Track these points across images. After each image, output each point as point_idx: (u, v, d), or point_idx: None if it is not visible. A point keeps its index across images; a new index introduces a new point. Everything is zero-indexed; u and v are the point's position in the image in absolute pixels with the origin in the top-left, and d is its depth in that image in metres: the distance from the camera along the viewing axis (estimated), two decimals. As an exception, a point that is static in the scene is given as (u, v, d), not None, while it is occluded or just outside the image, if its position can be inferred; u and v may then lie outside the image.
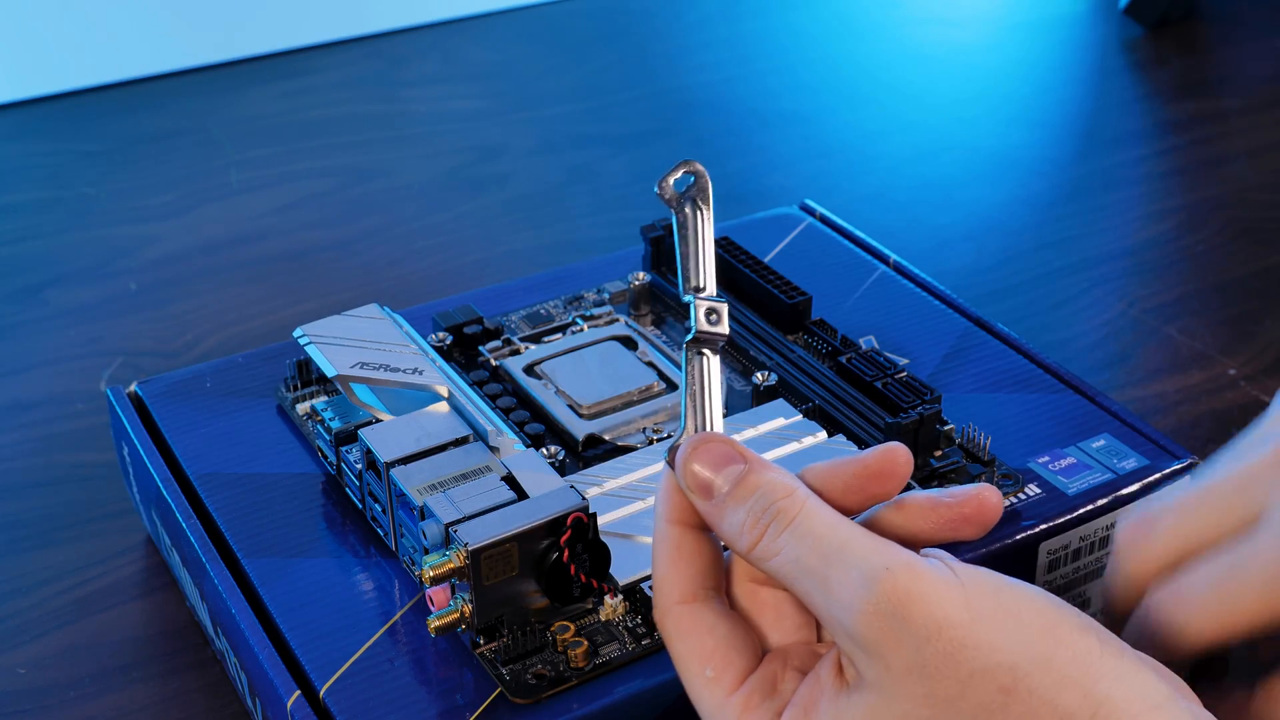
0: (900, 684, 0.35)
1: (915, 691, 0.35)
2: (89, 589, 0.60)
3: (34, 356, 0.76)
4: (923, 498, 0.40)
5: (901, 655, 0.35)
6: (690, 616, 0.39)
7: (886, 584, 0.35)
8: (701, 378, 0.40)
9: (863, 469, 0.40)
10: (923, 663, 0.35)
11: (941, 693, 0.35)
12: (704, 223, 0.40)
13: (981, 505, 0.39)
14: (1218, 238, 0.85)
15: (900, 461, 0.39)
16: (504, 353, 0.61)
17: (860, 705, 0.36)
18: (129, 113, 1.01)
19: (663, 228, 0.67)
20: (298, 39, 1.09)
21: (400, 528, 0.51)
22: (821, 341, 0.62)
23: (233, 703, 0.55)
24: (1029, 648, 0.35)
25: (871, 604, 0.35)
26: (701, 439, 0.40)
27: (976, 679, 0.35)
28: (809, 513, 0.37)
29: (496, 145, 0.96)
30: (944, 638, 0.35)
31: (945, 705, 0.35)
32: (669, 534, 0.40)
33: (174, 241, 0.86)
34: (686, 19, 1.16)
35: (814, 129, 0.99)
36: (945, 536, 0.39)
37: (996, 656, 0.35)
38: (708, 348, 0.41)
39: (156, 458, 0.57)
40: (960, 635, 0.35)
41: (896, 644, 0.35)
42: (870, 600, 0.35)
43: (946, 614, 0.35)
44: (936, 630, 0.35)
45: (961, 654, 0.35)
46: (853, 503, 0.40)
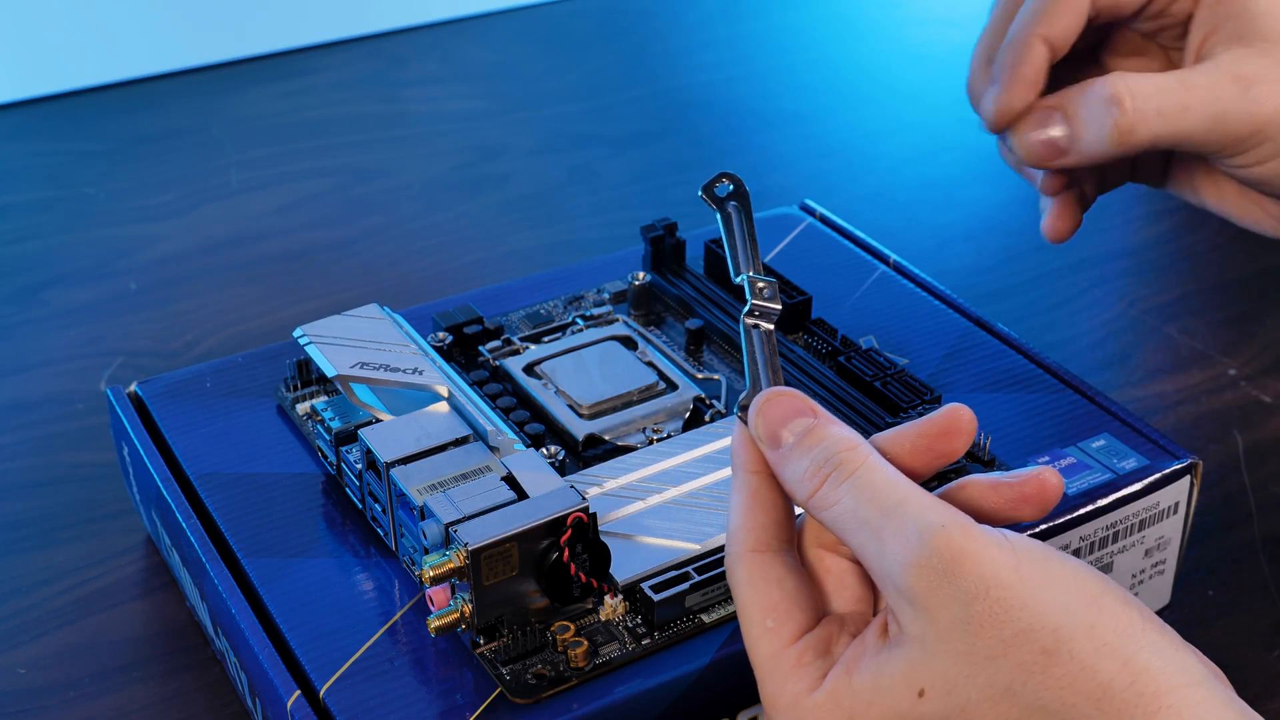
0: (943, 639, 0.36)
1: (957, 648, 0.36)
2: (89, 589, 0.60)
3: (34, 356, 0.76)
4: (984, 479, 0.40)
5: (948, 611, 0.36)
6: (760, 566, 0.40)
7: (940, 540, 0.36)
8: (762, 345, 0.43)
9: (929, 428, 0.41)
10: (968, 619, 0.36)
11: (983, 650, 0.36)
12: (744, 218, 0.45)
13: (1042, 486, 0.40)
14: (1218, 238, 0.85)
15: (964, 419, 0.41)
16: (504, 353, 0.61)
17: (900, 660, 0.37)
18: (129, 113, 1.01)
19: (663, 227, 0.67)
20: (298, 39, 1.09)
21: (400, 528, 0.51)
22: (821, 341, 0.62)
23: (233, 703, 0.55)
24: (1073, 614, 0.36)
25: (924, 558, 0.36)
26: (775, 392, 0.41)
27: (1019, 639, 0.35)
28: (870, 466, 0.39)
29: (496, 145, 0.96)
30: (991, 597, 0.35)
31: (986, 663, 0.36)
32: (746, 482, 0.41)
33: (174, 241, 0.86)
34: (686, 19, 1.16)
35: (814, 129, 0.99)
36: (1006, 517, 0.40)
37: (1041, 619, 0.35)
38: (764, 319, 0.44)
39: (156, 458, 0.57)
40: (1007, 596, 0.36)
41: (944, 599, 0.36)
42: (923, 554, 0.36)
43: (996, 574, 0.36)
44: (985, 589, 0.36)
45: (1006, 614, 0.35)
46: (920, 464, 0.41)
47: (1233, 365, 0.74)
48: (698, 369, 0.61)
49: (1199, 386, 0.72)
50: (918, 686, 0.37)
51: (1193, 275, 0.82)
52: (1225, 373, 0.73)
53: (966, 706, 0.36)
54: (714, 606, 0.49)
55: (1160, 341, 0.76)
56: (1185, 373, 0.73)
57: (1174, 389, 0.72)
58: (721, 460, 0.54)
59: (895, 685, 0.37)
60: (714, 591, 0.49)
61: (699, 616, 0.49)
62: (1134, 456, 0.55)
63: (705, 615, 0.49)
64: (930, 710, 0.36)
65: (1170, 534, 0.56)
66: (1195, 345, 0.75)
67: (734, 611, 0.49)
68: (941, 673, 0.36)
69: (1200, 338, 0.76)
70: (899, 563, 0.37)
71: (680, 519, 0.52)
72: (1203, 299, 0.80)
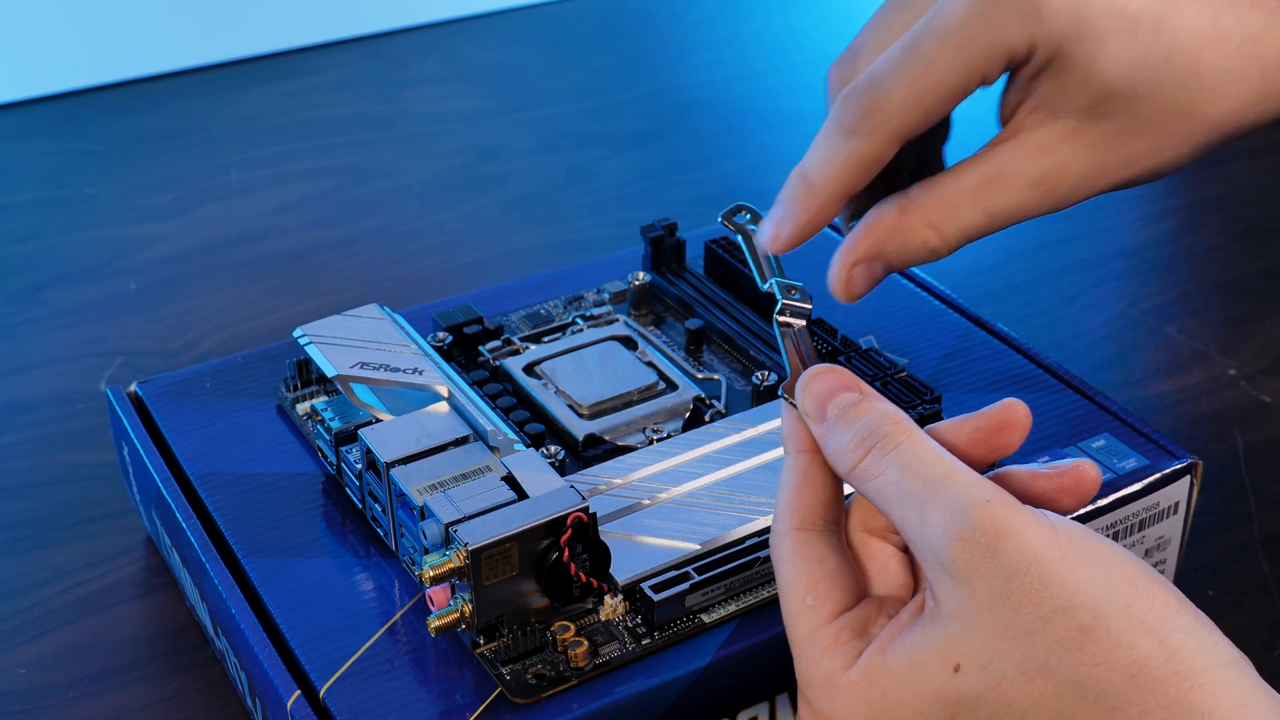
0: (982, 614, 0.36)
1: (996, 622, 0.36)
2: (89, 589, 0.60)
3: (34, 356, 0.76)
4: (1023, 469, 0.41)
5: (988, 585, 0.36)
6: (804, 544, 0.41)
7: (985, 514, 0.36)
8: (797, 339, 0.45)
9: (985, 421, 0.41)
10: (1008, 594, 0.36)
11: (1021, 626, 0.36)
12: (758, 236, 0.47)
13: (1080, 477, 0.40)
14: (1218, 238, 0.85)
15: (1020, 414, 0.41)
16: (504, 353, 0.61)
17: (937, 636, 0.37)
18: (129, 113, 1.01)
19: (663, 227, 0.67)
20: (298, 39, 1.09)
21: (400, 528, 0.51)
22: (821, 341, 0.62)
23: (233, 703, 0.55)
24: (1110, 593, 0.36)
25: (967, 531, 0.36)
26: (822, 369, 0.42)
27: (1058, 616, 0.36)
28: (914, 440, 0.39)
29: (496, 145, 0.96)
30: (1032, 574, 0.36)
31: (1023, 638, 0.36)
32: (796, 462, 0.42)
33: (174, 241, 0.86)
34: (686, 19, 1.16)
35: (814, 129, 0.98)
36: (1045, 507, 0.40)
37: (1079, 596, 0.36)
38: (796, 317, 0.45)
39: (156, 458, 0.57)
40: (1048, 572, 0.36)
41: (985, 573, 0.36)
42: (966, 527, 0.36)
43: (1037, 550, 0.36)
44: (1026, 565, 0.36)
45: (1046, 590, 0.36)
46: (975, 456, 0.41)
47: (1233, 365, 0.74)
48: (698, 369, 0.61)
49: (1199, 386, 0.72)
50: (953, 662, 0.37)
51: (1193, 275, 0.82)
52: (1225, 373, 0.73)
53: (1002, 681, 0.36)
54: (714, 606, 0.49)
55: (1160, 341, 0.76)
56: (1185, 373, 0.73)
57: (1174, 389, 0.72)
58: (721, 460, 0.54)
59: (930, 661, 0.37)
60: (714, 591, 0.49)
61: (699, 616, 0.49)
62: (1134, 456, 0.55)
63: (705, 615, 0.49)
64: (965, 686, 0.37)
65: (1170, 534, 0.56)
66: (1195, 345, 0.75)
67: (734, 611, 0.49)
68: (978, 648, 0.36)
69: (1200, 338, 0.76)
70: (941, 535, 0.37)
71: (680, 519, 0.52)
72: (1203, 299, 0.80)
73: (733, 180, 0.92)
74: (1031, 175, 0.43)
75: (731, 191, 0.90)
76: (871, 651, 0.39)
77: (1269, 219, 0.88)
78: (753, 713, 0.49)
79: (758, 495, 0.53)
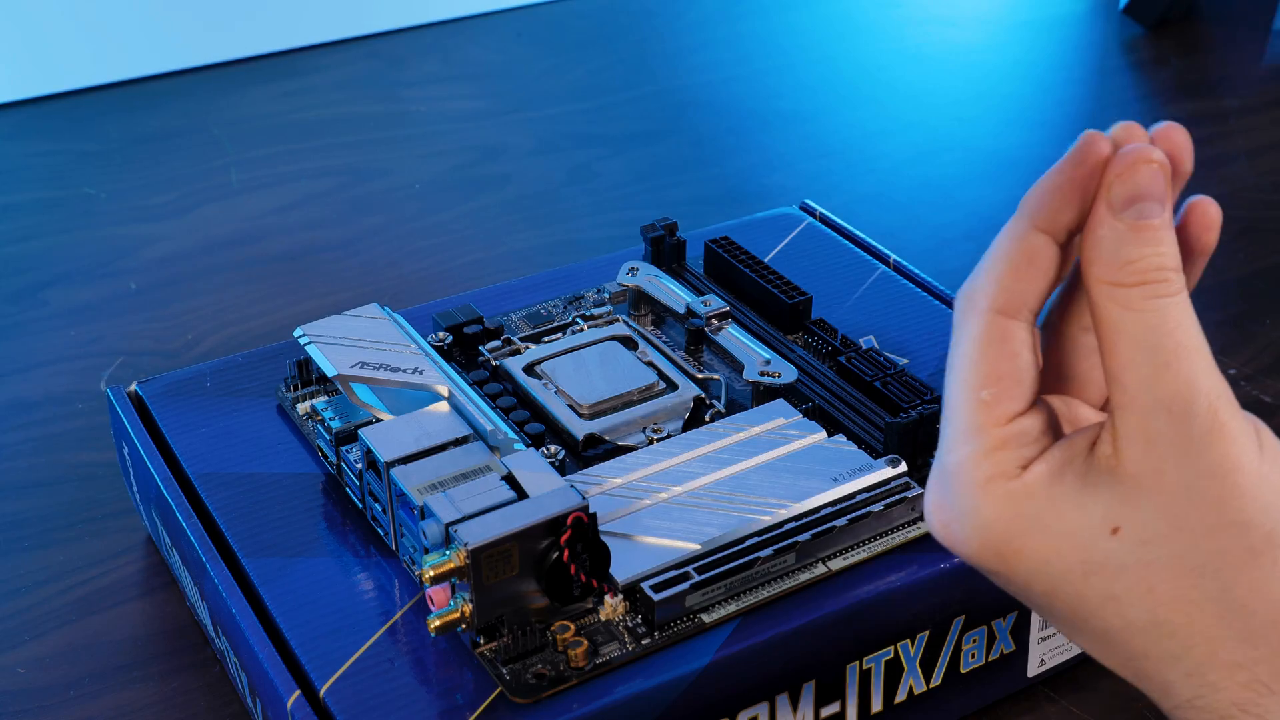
0: (1162, 494, 0.35)
1: (1172, 509, 0.35)
2: (89, 589, 0.60)
3: (34, 356, 0.76)
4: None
5: (1181, 471, 0.35)
6: (1005, 330, 0.36)
7: (1213, 406, 0.35)
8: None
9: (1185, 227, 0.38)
10: (1195, 489, 0.35)
11: (1194, 523, 0.35)
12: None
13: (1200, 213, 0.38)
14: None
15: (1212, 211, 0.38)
16: (504, 352, 0.61)
17: (1107, 491, 0.35)
18: (129, 113, 1.01)
19: (663, 227, 0.67)
20: (298, 39, 1.09)
21: (400, 527, 0.51)
22: (821, 341, 0.62)
23: (233, 703, 0.55)
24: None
25: (1189, 412, 0.35)
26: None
27: (1232, 529, 0.35)
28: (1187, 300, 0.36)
29: (496, 145, 0.96)
30: (1227, 481, 0.35)
31: (1189, 535, 0.35)
32: (1030, 239, 0.36)
33: (174, 241, 0.86)
34: (686, 19, 1.16)
35: (814, 129, 0.99)
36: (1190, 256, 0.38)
37: (1260, 518, 0.35)
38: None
39: (156, 457, 0.57)
40: (1242, 483, 0.35)
41: (1184, 459, 0.35)
42: (1190, 408, 0.35)
43: (1240, 460, 0.35)
44: (1225, 471, 0.35)
45: (1233, 500, 0.35)
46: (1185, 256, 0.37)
47: (1233, 365, 0.74)
48: (698, 369, 0.61)
49: (1199, 386, 0.72)
50: (1114, 522, 0.35)
51: (1193, 275, 0.82)
52: (1225, 373, 0.73)
53: (1152, 564, 0.35)
54: (714, 606, 0.49)
55: (1160, 341, 0.76)
56: (1185, 373, 0.73)
57: (1174, 389, 0.72)
58: (721, 460, 0.54)
59: (1094, 510, 0.35)
60: (714, 591, 0.49)
61: (699, 616, 0.49)
62: (1134, 456, 0.55)
63: (705, 615, 0.49)
64: (1115, 550, 0.35)
65: (1170, 534, 0.56)
66: (1195, 345, 0.75)
67: (734, 611, 0.49)
68: (1144, 522, 0.35)
69: (1200, 338, 0.76)
70: (1163, 403, 0.35)
71: (680, 519, 0.52)
72: (1203, 299, 0.79)
73: (733, 180, 0.92)
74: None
75: (731, 191, 0.90)
76: (1041, 471, 0.36)
77: (1269, 219, 0.88)
78: (753, 713, 0.49)
79: (758, 495, 0.53)
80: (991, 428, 0.36)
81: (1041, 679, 0.56)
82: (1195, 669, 0.35)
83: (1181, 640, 0.35)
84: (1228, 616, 0.35)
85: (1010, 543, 0.36)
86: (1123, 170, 0.35)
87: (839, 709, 0.51)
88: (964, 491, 0.36)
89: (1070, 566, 0.36)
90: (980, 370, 0.36)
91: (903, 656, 0.52)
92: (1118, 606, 0.35)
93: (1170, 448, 0.35)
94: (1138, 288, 0.35)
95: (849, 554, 0.52)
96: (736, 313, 0.64)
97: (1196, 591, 0.35)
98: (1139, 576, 0.35)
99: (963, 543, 0.37)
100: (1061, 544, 0.36)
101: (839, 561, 0.51)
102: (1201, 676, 0.35)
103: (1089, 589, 0.36)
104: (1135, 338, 0.35)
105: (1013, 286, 0.36)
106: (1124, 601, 0.35)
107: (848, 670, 0.51)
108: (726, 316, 0.62)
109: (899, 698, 0.52)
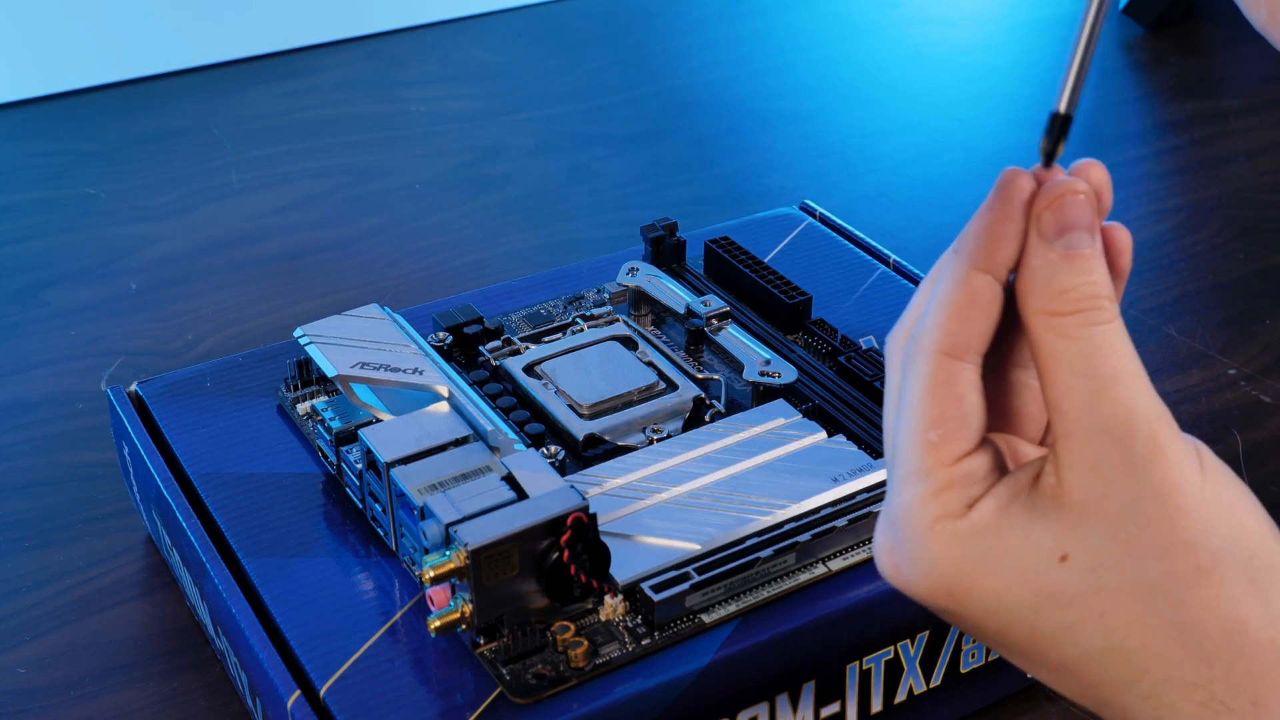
0: (1109, 518, 0.35)
1: (1118, 533, 0.35)
2: (89, 589, 0.60)
3: (34, 356, 0.76)
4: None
5: (1126, 494, 0.35)
6: (949, 373, 0.36)
7: (1153, 428, 0.35)
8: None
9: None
10: (1141, 511, 0.35)
11: (1142, 545, 0.35)
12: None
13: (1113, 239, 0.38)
14: (1218, 238, 0.85)
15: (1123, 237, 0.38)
16: (504, 353, 0.61)
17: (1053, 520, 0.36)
18: (129, 113, 1.01)
19: (663, 227, 0.67)
20: (298, 39, 1.09)
21: (400, 528, 0.51)
22: (821, 341, 0.62)
23: (233, 703, 0.55)
24: (1235, 543, 0.35)
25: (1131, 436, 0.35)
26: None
27: (1181, 549, 0.35)
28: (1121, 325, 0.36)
29: (496, 145, 0.96)
30: (1171, 501, 0.35)
31: (1139, 558, 0.35)
32: (972, 280, 0.36)
33: (174, 241, 0.86)
34: (686, 19, 1.16)
35: (814, 129, 0.99)
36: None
37: (1206, 538, 0.35)
38: None
39: (157, 457, 0.57)
40: (1186, 504, 0.35)
41: (1128, 482, 0.35)
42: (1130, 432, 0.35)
43: (1183, 481, 0.35)
44: (1168, 491, 0.35)
45: (1179, 521, 0.35)
46: None
47: (1233, 365, 0.74)
48: (698, 369, 0.61)
49: (1199, 386, 0.72)
50: (1062, 551, 0.35)
51: (1193, 275, 0.82)
52: (1225, 373, 0.73)
53: (1102, 590, 0.35)
54: (714, 606, 0.49)
55: (1160, 341, 0.76)
56: (1185, 373, 0.73)
57: (1174, 389, 0.72)
58: (721, 460, 0.54)
59: (1041, 541, 0.36)
60: (714, 591, 0.49)
61: (699, 616, 0.49)
62: (1134, 456, 0.55)
63: (705, 615, 0.49)
64: (1066, 579, 0.35)
65: (1170, 534, 0.56)
66: (1195, 345, 0.75)
67: (734, 611, 0.49)
68: (1092, 548, 0.35)
69: (1200, 338, 0.76)
70: (1103, 428, 0.35)
71: (680, 519, 0.52)
72: (1203, 299, 0.80)
73: (733, 180, 0.92)
74: None
75: (731, 191, 0.90)
76: (987, 508, 0.36)
77: (1269, 219, 0.88)
78: (753, 713, 0.49)
79: (758, 495, 0.53)
80: (938, 469, 0.36)
81: (1041, 679, 0.56)
82: (1152, 691, 0.35)
83: (1137, 664, 0.35)
84: (1182, 637, 0.35)
85: (960, 581, 0.36)
86: (1051, 201, 0.36)
87: (839, 709, 0.51)
88: (912, 533, 0.37)
89: (1021, 600, 0.36)
90: (928, 413, 0.37)
91: (903, 656, 0.52)
92: (1072, 636, 0.35)
93: (1114, 471, 0.35)
94: (1073, 316, 0.36)
95: (849, 554, 0.52)
96: (736, 313, 0.64)
97: (1149, 614, 0.35)
98: (1091, 604, 0.35)
99: (913, 583, 0.37)
100: (1011, 579, 0.36)
101: (839, 561, 0.51)
102: (1159, 698, 0.35)
103: (1042, 621, 0.36)
104: (1073, 365, 0.35)
105: (958, 329, 0.36)
106: (1078, 630, 0.35)
107: (848, 670, 0.51)
108: (726, 316, 0.62)
109: (899, 698, 0.52)
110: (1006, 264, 0.36)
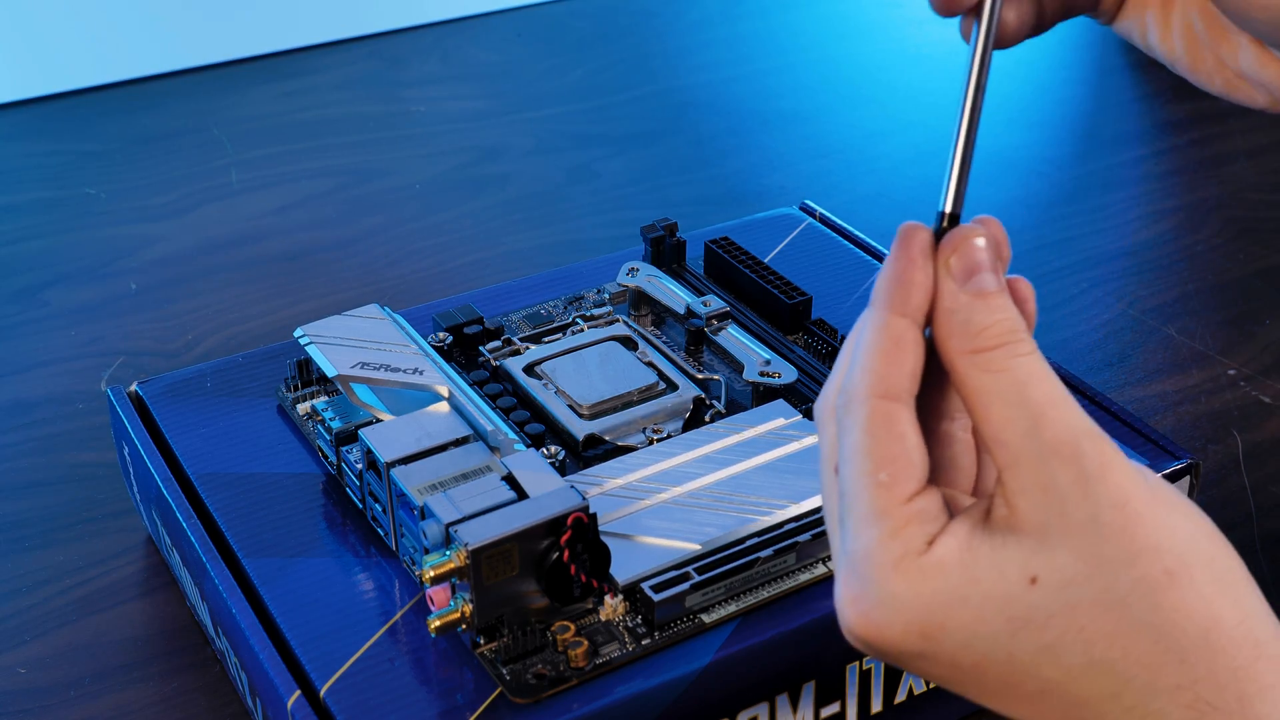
0: (1071, 535, 0.35)
1: (1083, 547, 0.35)
2: (89, 589, 0.60)
3: (34, 356, 0.76)
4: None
5: (1083, 509, 0.35)
6: (888, 414, 0.37)
7: (1095, 445, 0.36)
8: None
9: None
10: (1101, 523, 0.35)
11: (1110, 555, 0.35)
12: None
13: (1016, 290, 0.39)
14: (1217, 238, 0.85)
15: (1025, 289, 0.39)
16: (504, 353, 0.61)
17: (1015, 545, 0.36)
18: (129, 113, 1.01)
19: (663, 227, 0.67)
20: (298, 39, 1.09)
21: (400, 528, 0.51)
22: (821, 341, 0.62)
23: (233, 703, 0.55)
24: (1197, 544, 0.36)
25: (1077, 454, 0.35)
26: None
27: (1147, 555, 0.35)
28: (1039, 353, 0.37)
29: (496, 145, 0.96)
30: (1128, 509, 0.35)
31: (1109, 569, 0.35)
32: (892, 324, 0.37)
33: (174, 241, 0.86)
34: (686, 19, 1.16)
35: (814, 129, 0.99)
36: None
37: (1169, 541, 0.35)
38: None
39: (157, 458, 0.57)
40: (1142, 511, 0.35)
41: (1084, 496, 0.35)
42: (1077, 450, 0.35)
43: (1134, 490, 0.36)
44: (1124, 500, 0.35)
45: (1139, 528, 0.35)
46: None
47: (1232, 365, 0.74)
48: (698, 369, 0.61)
49: (1199, 387, 0.72)
50: (1031, 574, 0.36)
51: (1193, 275, 0.82)
52: (1225, 373, 0.73)
53: (1077, 606, 0.35)
54: (714, 606, 0.49)
55: (1160, 342, 0.76)
56: (1185, 373, 0.73)
57: (1174, 389, 0.72)
58: (721, 460, 0.54)
59: (1009, 569, 0.36)
60: (714, 591, 0.49)
61: (699, 616, 0.49)
62: (1134, 457, 0.55)
63: (705, 615, 0.49)
64: (1039, 601, 0.36)
65: (1170, 534, 0.56)
66: (1195, 345, 0.75)
67: (734, 612, 0.49)
68: (1060, 566, 0.35)
69: (1200, 338, 0.76)
70: (1050, 450, 0.35)
71: (680, 519, 0.52)
72: (1203, 299, 0.80)
73: (733, 180, 0.92)
74: None
75: (732, 191, 0.91)
76: (949, 542, 0.36)
77: (1269, 219, 0.88)
78: (753, 713, 0.49)
79: (758, 495, 0.53)
80: (895, 508, 0.37)
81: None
82: (1138, 701, 0.35)
83: (1121, 673, 0.35)
84: (1162, 640, 0.35)
85: (933, 618, 0.36)
86: (955, 245, 0.38)
87: (839, 709, 0.51)
88: (878, 574, 0.36)
89: (997, 630, 0.36)
90: (874, 455, 0.37)
91: (903, 656, 0.52)
92: (1053, 655, 0.36)
93: (1070, 488, 0.35)
94: (998, 350, 0.36)
95: (849, 554, 0.52)
96: (736, 313, 0.64)
97: (1126, 622, 0.35)
98: (1068, 620, 0.35)
99: (884, 627, 0.36)
100: (984, 609, 0.36)
101: (839, 562, 0.51)
102: (1145, 707, 0.35)
103: (1019, 647, 0.36)
104: (1006, 397, 0.36)
105: (888, 372, 0.37)
106: (1057, 649, 0.35)
107: (848, 670, 0.51)
108: (726, 317, 0.62)
109: (899, 698, 0.52)
110: (921, 308, 0.38)
